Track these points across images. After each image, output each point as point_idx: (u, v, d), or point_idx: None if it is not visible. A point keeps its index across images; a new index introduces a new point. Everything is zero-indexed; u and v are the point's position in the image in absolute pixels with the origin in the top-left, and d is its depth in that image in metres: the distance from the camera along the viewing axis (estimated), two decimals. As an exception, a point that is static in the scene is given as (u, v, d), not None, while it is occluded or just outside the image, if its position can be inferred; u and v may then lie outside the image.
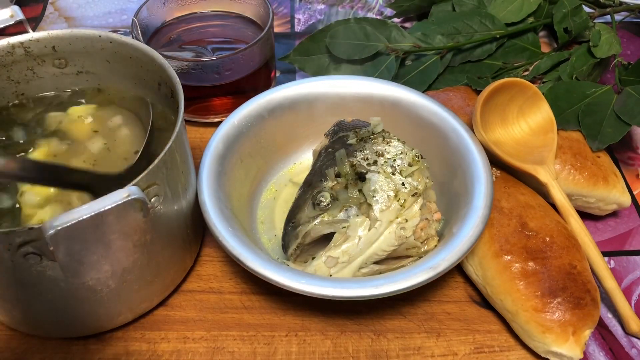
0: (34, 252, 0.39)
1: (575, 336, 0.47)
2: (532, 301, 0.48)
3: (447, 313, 0.52)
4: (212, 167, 0.52)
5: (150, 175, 0.42)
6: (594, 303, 0.49)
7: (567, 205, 0.54)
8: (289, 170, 0.61)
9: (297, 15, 0.86)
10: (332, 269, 0.49)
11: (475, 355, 0.50)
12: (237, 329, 0.51)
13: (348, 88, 0.59)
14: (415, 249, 0.50)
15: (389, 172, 0.50)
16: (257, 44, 0.64)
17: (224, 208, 0.50)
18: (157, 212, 0.44)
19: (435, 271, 0.46)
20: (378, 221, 0.48)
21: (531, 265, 0.49)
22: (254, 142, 0.58)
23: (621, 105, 0.61)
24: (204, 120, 0.68)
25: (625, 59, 0.68)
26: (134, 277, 0.46)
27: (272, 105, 0.58)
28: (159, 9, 0.70)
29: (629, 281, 0.56)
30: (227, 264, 0.55)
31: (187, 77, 0.63)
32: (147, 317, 0.51)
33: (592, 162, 0.58)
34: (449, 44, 0.70)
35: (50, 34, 0.51)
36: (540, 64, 0.70)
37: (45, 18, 0.85)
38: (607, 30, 0.69)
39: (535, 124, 0.59)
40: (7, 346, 0.50)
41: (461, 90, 0.65)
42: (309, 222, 0.49)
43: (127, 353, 0.49)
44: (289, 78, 0.75)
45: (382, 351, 0.50)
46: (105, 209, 0.37)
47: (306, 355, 0.50)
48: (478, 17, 0.71)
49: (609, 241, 0.59)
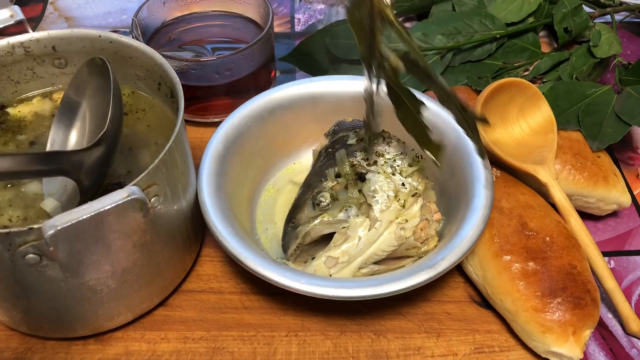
0: (34, 252, 0.39)
1: (576, 336, 0.47)
2: (532, 301, 0.48)
3: (447, 313, 0.52)
4: (212, 167, 0.52)
5: (150, 175, 0.42)
6: (594, 303, 0.49)
7: (567, 205, 0.54)
8: (289, 170, 0.61)
9: (297, 15, 0.86)
10: (332, 269, 0.49)
11: (476, 355, 0.50)
12: (237, 329, 0.51)
13: (348, 88, 0.59)
14: (415, 249, 0.50)
15: (389, 173, 0.50)
16: (257, 44, 0.64)
17: (224, 208, 0.50)
18: (157, 212, 0.44)
19: (435, 271, 0.46)
20: (378, 221, 0.48)
21: (531, 265, 0.49)
22: (254, 142, 0.58)
23: (621, 105, 0.61)
24: (204, 120, 0.68)
25: (625, 59, 0.68)
26: (134, 277, 0.46)
27: (272, 105, 0.58)
28: (159, 9, 0.70)
29: (629, 281, 0.56)
30: (227, 264, 0.55)
31: (187, 77, 0.63)
32: (147, 317, 0.51)
33: (592, 162, 0.58)
34: (449, 44, 0.70)
35: (50, 34, 0.51)
36: (540, 64, 0.70)
37: (45, 18, 0.85)
38: (607, 30, 0.69)
39: (536, 124, 0.59)
40: (7, 346, 0.50)
41: (461, 90, 0.65)
42: (309, 222, 0.49)
43: (127, 353, 0.49)
44: (289, 78, 0.75)
45: (382, 351, 0.50)
46: (105, 209, 0.37)
47: (306, 355, 0.50)
48: (478, 17, 0.71)
49: (609, 241, 0.59)
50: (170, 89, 0.50)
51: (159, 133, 0.51)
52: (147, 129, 0.52)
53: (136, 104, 0.54)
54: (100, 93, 0.47)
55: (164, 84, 0.51)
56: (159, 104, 0.53)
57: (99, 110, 0.47)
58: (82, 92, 0.49)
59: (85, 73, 0.48)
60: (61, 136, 0.49)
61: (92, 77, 0.48)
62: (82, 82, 0.48)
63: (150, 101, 0.54)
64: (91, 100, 0.49)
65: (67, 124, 0.49)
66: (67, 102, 0.49)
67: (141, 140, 0.51)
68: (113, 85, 0.44)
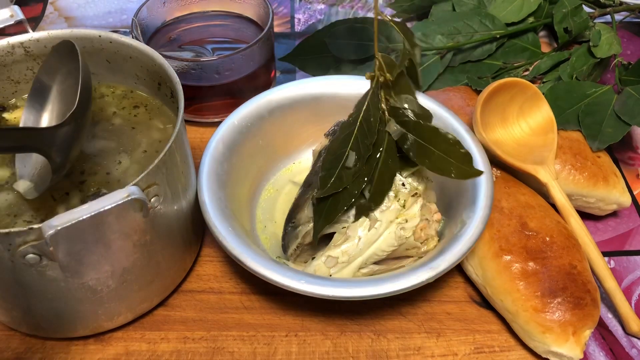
0: (34, 252, 0.39)
1: (576, 336, 0.47)
2: (532, 301, 0.48)
3: (447, 313, 0.52)
4: (212, 167, 0.52)
5: (150, 175, 0.42)
6: (594, 303, 0.49)
7: (567, 205, 0.54)
8: (289, 170, 0.61)
9: (297, 15, 0.86)
10: (332, 269, 0.49)
11: (475, 355, 0.50)
12: (237, 329, 0.51)
13: (348, 88, 0.59)
14: (415, 250, 0.50)
15: (389, 172, 0.50)
16: (257, 44, 0.64)
17: (224, 208, 0.50)
18: (157, 212, 0.44)
19: (435, 271, 0.46)
20: (378, 221, 0.48)
21: (531, 265, 0.49)
22: (254, 142, 0.58)
23: (621, 105, 0.61)
24: (204, 120, 0.68)
25: (625, 59, 0.68)
26: (134, 277, 0.46)
27: (272, 105, 0.58)
28: (159, 9, 0.70)
29: (629, 281, 0.56)
30: (227, 264, 0.55)
31: (187, 77, 0.63)
32: (147, 317, 0.51)
33: (592, 162, 0.58)
34: (449, 44, 0.70)
35: (50, 34, 0.51)
36: (540, 64, 0.70)
37: (45, 18, 0.85)
38: (607, 30, 0.69)
39: (536, 124, 0.59)
40: (7, 346, 0.50)
41: (461, 90, 0.65)
42: (309, 222, 0.49)
43: (127, 353, 0.49)
44: (289, 78, 0.75)
45: (382, 351, 0.50)
46: (105, 209, 0.37)
47: (306, 355, 0.50)
48: (478, 17, 0.71)
49: (609, 241, 0.59)
50: (170, 89, 0.50)
51: (159, 133, 0.51)
52: (146, 129, 0.52)
53: (136, 104, 0.54)
54: (70, 77, 0.48)
55: (164, 84, 0.51)
56: (159, 104, 0.53)
57: (69, 93, 0.48)
58: (53, 75, 0.49)
59: (56, 57, 0.48)
60: (32, 119, 0.50)
61: (62, 61, 0.48)
62: (52, 66, 0.49)
63: (150, 101, 0.54)
64: (62, 84, 0.49)
65: (38, 107, 0.50)
66: (38, 85, 0.50)
67: (140, 140, 0.51)
68: (82, 67, 0.44)
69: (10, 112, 0.53)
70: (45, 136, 0.43)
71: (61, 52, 0.48)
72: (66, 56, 0.47)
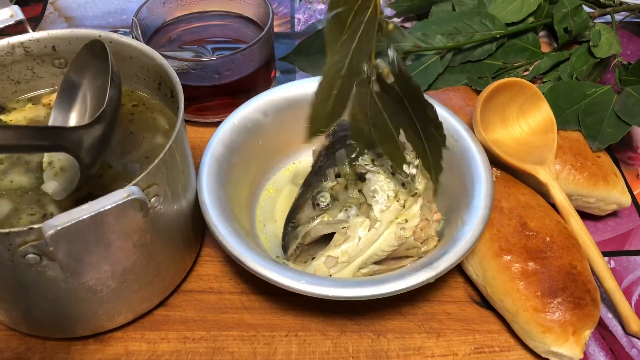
0: (34, 252, 0.39)
1: (576, 336, 0.47)
2: (532, 301, 0.48)
3: (447, 313, 0.52)
4: (212, 167, 0.52)
5: (150, 175, 0.42)
6: (594, 303, 0.49)
7: (567, 205, 0.54)
8: (289, 170, 0.61)
9: (297, 15, 0.86)
10: (332, 269, 0.49)
11: (476, 355, 0.50)
12: (237, 329, 0.51)
13: (348, 88, 0.59)
14: (415, 249, 0.50)
15: (389, 173, 0.50)
16: (257, 44, 0.64)
17: (224, 208, 0.50)
18: (157, 212, 0.45)
19: (435, 271, 0.46)
20: (378, 221, 0.48)
21: (531, 265, 0.49)
22: (253, 142, 0.58)
23: (621, 105, 0.61)
24: (204, 120, 0.68)
25: (625, 59, 0.68)
26: (134, 277, 0.46)
27: (272, 105, 0.58)
28: (159, 9, 0.70)
29: (629, 281, 0.56)
30: (227, 264, 0.55)
31: (187, 77, 0.63)
32: (147, 317, 0.51)
33: (592, 162, 0.58)
34: (449, 44, 0.70)
35: (50, 34, 0.51)
36: (540, 64, 0.70)
37: (45, 18, 0.85)
38: (607, 30, 0.69)
39: (536, 124, 0.59)
40: (7, 346, 0.50)
41: (461, 90, 0.65)
42: (309, 222, 0.49)
43: (127, 353, 0.49)
44: (289, 78, 0.75)
45: (382, 351, 0.50)
46: (105, 209, 0.37)
47: (306, 355, 0.50)
48: (478, 17, 0.71)
49: (609, 241, 0.59)
50: (170, 89, 0.50)
51: (159, 133, 0.51)
52: (146, 129, 0.52)
53: (136, 104, 0.54)
54: (99, 76, 0.48)
55: (164, 84, 0.51)
56: (159, 104, 0.53)
57: (99, 93, 0.48)
58: (82, 75, 0.49)
59: (85, 56, 0.48)
60: (61, 119, 0.50)
61: (91, 61, 0.48)
62: (82, 65, 0.49)
63: (150, 101, 0.54)
64: (91, 83, 0.49)
65: (67, 106, 0.50)
66: (68, 85, 0.49)
67: (140, 140, 0.51)
68: (111, 68, 0.44)
69: (6, 114, 0.52)
70: (74, 136, 0.43)
71: (91, 51, 0.48)
72: (96, 55, 0.47)
